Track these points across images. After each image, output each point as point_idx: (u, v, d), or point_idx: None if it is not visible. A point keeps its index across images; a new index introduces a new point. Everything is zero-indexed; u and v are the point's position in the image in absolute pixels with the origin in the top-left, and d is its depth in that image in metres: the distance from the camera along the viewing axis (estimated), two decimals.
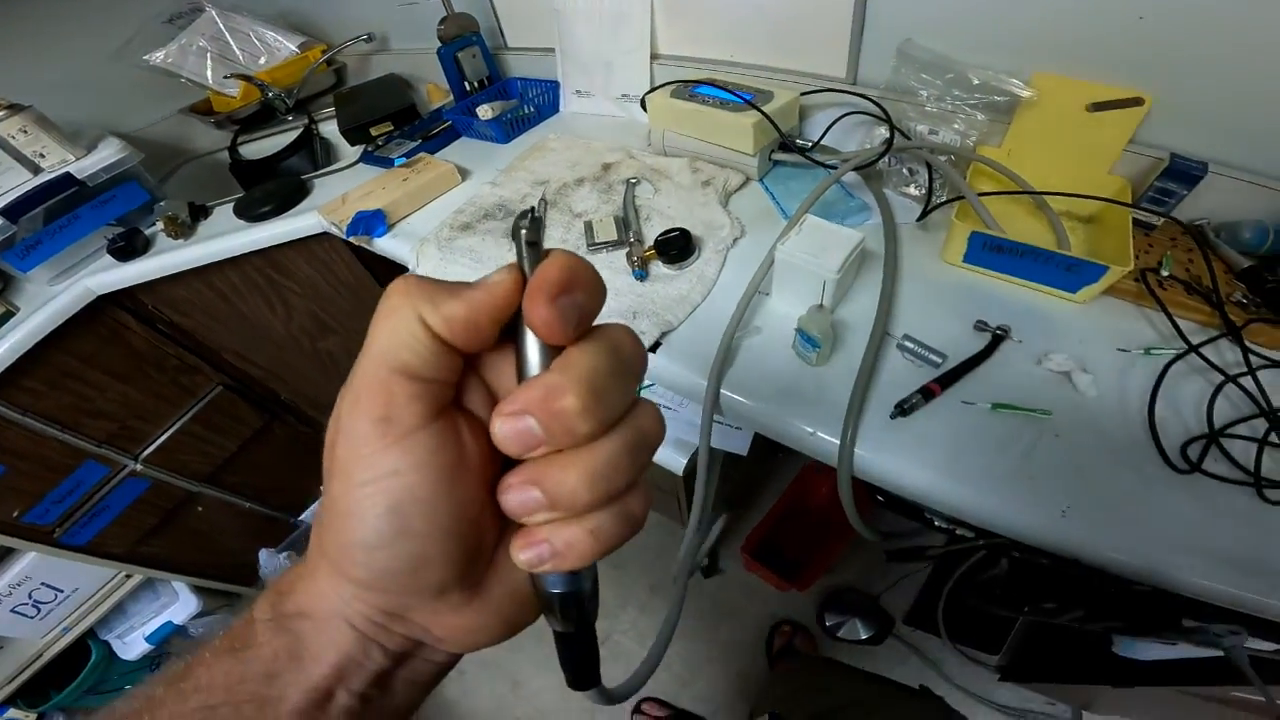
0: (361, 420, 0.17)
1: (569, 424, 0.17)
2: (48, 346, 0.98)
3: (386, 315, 0.18)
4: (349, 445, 0.18)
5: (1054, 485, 0.49)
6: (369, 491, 0.17)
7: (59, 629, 1.23)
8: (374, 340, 0.18)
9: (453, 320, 0.18)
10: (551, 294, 0.17)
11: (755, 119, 0.76)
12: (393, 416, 0.17)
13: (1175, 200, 0.69)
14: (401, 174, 0.93)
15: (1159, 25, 0.63)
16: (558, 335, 0.18)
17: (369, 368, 0.18)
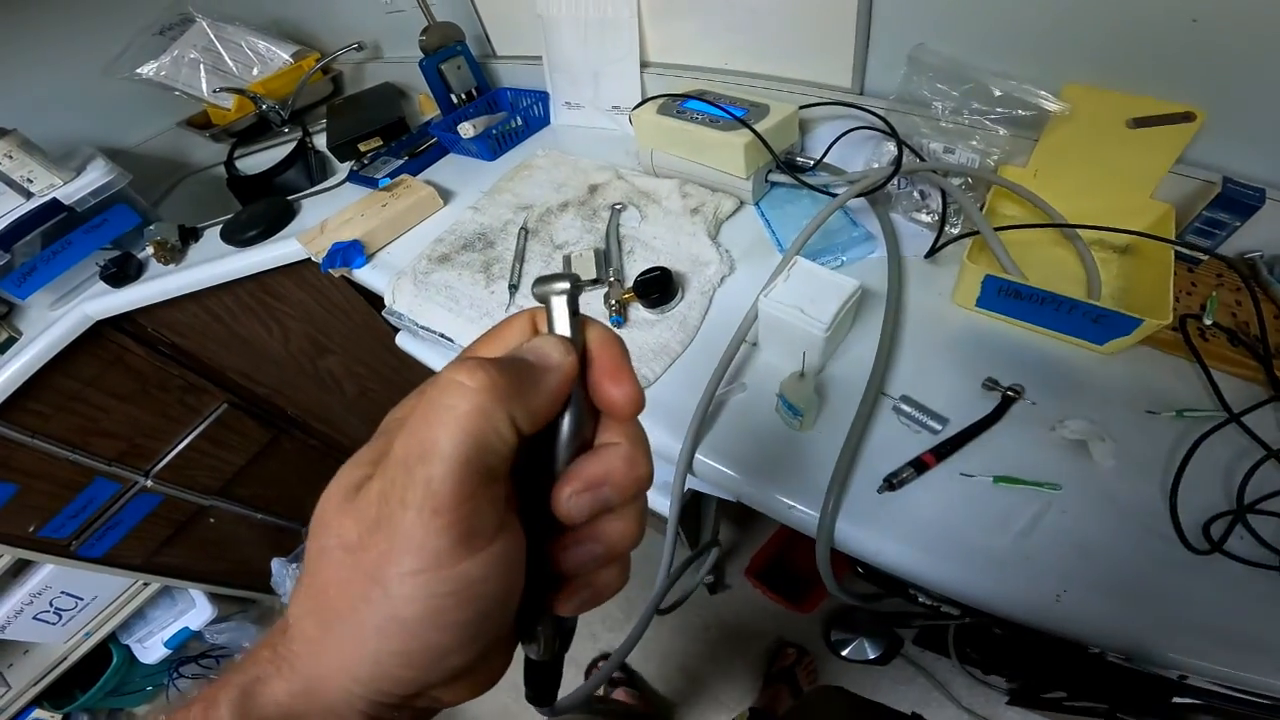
0: (442, 538, 0.16)
1: (641, 488, 0.19)
2: (51, 371, 0.98)
3: (466, 418, 0.16)
4: (419, 559, 0.16)
5: (1052, 566, 0.43)
6: (454, 602, 0.16)
7: (81, 634, 1.27)
8: (446, 444, 0.16)
9: (538, 414, 0.18)
10: (623, 373, 0.19)
11: (748, 139, 0.69)
12: (478, 528, 0.16)
13: (1226, 233, 0.59)
14: (382, 198, 0.88)
15: (1215, 30, 0.54)
16: (632, 411, 0.19)
17: (446, 479, 0.16)
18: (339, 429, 1.43)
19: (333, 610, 0.17)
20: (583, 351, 0.20)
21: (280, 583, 1.37)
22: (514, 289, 0.71)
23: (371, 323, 1.07)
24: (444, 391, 0.17)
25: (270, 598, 1.46)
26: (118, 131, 1.29)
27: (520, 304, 0.70)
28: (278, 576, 1.37)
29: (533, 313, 0.22)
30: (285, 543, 1.48)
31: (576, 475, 0.19)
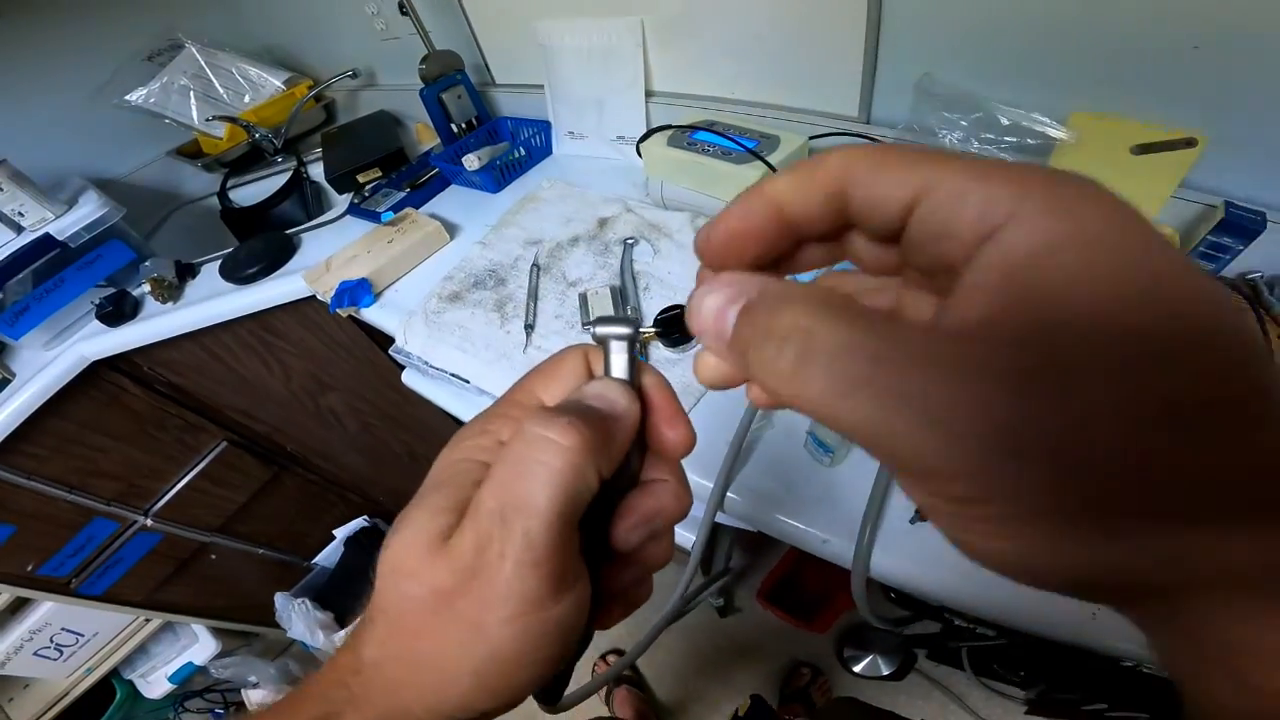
0: (538, 585, 0.17)
1: (684, 518, 0.21)
2: (47, 413, 0.96)
3: (559, 473, 0.17)
4: (518, 605, 0.17)
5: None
6: (544, 642, 0.17)
7: (82, 670, 1.25)
8: (542, 498, 0.17)
9: (615, 462, 0.19)
10: (679, 417, 0.21)
11: (762, 172, 0.69)
12: (567, 574, 0.18)
13: (1230, 257, 0.60)
14: (387, 233, 0.87)
15: (1215, 56, 0.55)
16: (685, 452, 0.21)
17: (543, 532, 0.17)
18: (340, 465, 1.40)
19: (424, 655, 0.18)
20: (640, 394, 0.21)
21: (284, 616, 1.34)
22: (530, 329, 0.70)
23: (374, 359, 1.05)
24: (536, 447, 0.17)
25: (274, 631, 1.43)
26: (107, 161, 1.26)
27: (538, 344, 0.69)
28: (282, 611, 1.35)
29: (585, 350, 0.22)
30: (288, 577, 1.45)
31: (634, 510, 0.20)
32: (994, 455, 0.11)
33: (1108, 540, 0.11)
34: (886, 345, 0.12)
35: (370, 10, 1.10)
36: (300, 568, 1.47)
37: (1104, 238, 0.11)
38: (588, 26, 0.87)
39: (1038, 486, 0.11)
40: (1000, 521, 0.12)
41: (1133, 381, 0.10)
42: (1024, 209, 0.12)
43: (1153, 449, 0.10)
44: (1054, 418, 0.10)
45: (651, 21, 0.84)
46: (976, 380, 0.11)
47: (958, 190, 0.13)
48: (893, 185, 0.14)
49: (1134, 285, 0.11)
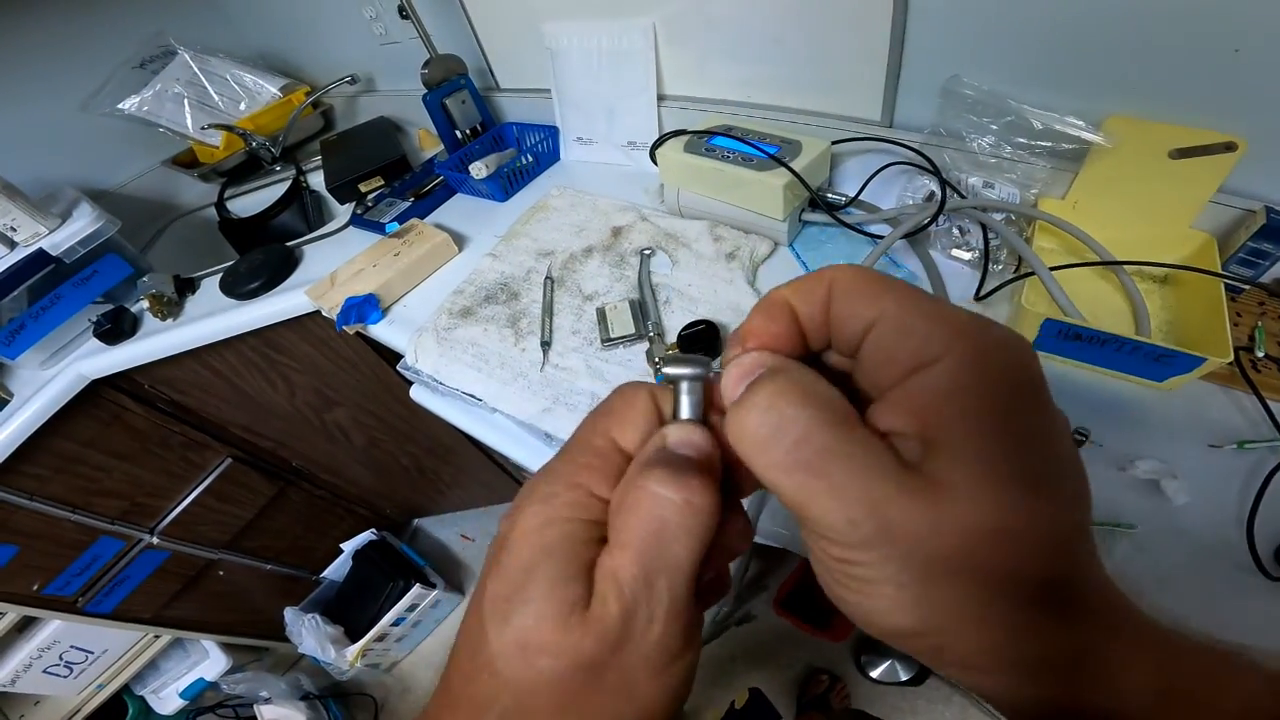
0: (680, 637, 0.18)
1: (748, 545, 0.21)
2: (48, 433, 0.93)
3: (698, 531, 0.18)
4: (661, 660, 0.18)
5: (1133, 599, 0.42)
6: (684, 690, 0.19)
7: (93, 686, 1.24)
8: (683, 555, 0.18)
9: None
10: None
11: (786, 179, 0.66)
12: (697, 619, 0.19)
13: (1270, 262, 0.58)
14: (393, 245, 0.83)
15: (1258, 59, 0.52)
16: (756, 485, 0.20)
17: (683, 586, 0.18)
18: (347, 478, 1.37)
19: (568, 708, 0.18)
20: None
21: (294, 631, 1.32)
22: (546, 346, 0.67)
23: (381, 374, 1.02)
24: (670, 509, 0.17)
25: (284, 645, 1.40)
26: (100, 172, 1.22)
27: (555, 362, 0.66)
28: (292, 625, 1.32)
29: (651, 390, 0.21)
30: (297, 591, 1.42)
31: (711, 551, 0.20)
32: (873, 536, 0.15)
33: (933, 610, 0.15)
34: (832, 439, 0.16)
35: (369, 14, 1.06)
36: (309, 581, 1.44)
37: (997, 395, 0.15)
38: (596, 28, 0.84)
39: (894, 565, 0.15)
40: (861, 580, 0.16)
41: (987, 510, 0.14)
42: (951, 354, 0.15)
43: (988, 560, 0.15)
44: (925, 524, 0.14)
45: (663, 22, 0.80)
46: (877, 480, 0.15)
47: (906, 325, 0.16)
48: (859, 308, 0.17)
49: (1007, 435, 0.15)
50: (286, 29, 1.23)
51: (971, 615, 0.15)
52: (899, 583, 0.15)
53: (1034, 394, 0.16)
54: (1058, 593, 0.15)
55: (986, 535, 0.14)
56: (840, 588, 0.16)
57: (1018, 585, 0.15)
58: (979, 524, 0.14)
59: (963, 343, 0.15)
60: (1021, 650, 0.15)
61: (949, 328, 0.16)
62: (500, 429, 0.71)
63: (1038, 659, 0.15)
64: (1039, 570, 0.15)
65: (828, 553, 0.16)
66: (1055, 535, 0.15)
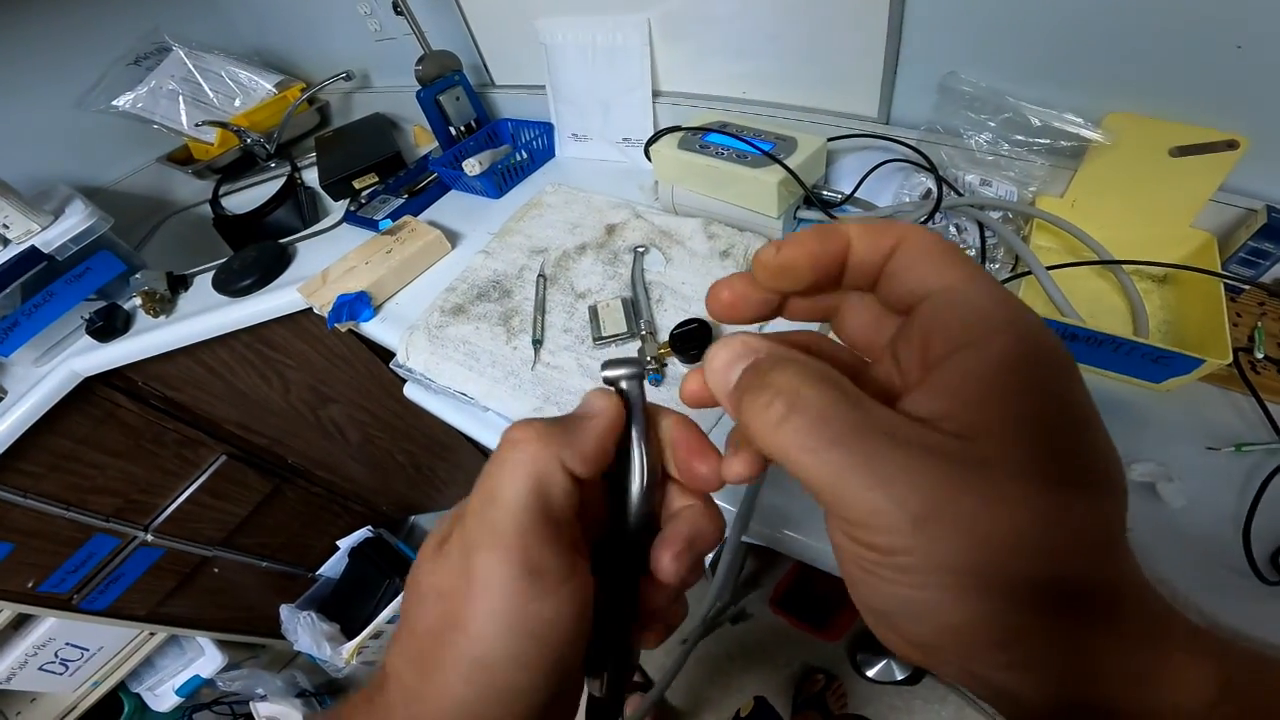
0: (510, 577, 0.17)
1: (721, 539, 0.21)
2: (41, 430, 0.92)
3: (523, 463, 0.18)
4: (494, 600, 0.17)
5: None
6: (530, 644, 0.17)
7: (89, 684, 1.24)
8: (508, 491, 0.18)
9: (587, 455, 0.19)
10: (708, 450, 0.21)
11: (780, 176, 0.65)
12: (546, 568, 0.17)
13: (1271, 262, 0.57)
14: (385, 243, 0.82)
15: (1261, 56, 0.51)
16: (718, 483, 0.21)
17: (508, 520, 0.18)
18: (343, 475, 1.36)
19: (430, 658, 0.18)
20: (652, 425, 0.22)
21: (290, 629, 1.31)
22: (538, 344, 0.66)
23: (375, 371, 1.01)
24: (503, 447, 0.19)
25: (280, 643, 1.40)
26: (94, 168, 1.21)
27: (546, 360, 0.65)
28: (288, 623, 1.31)
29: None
30: (293, 588, 1.41)
31: (675, 538, 0.20)
32: (916, 522, 0.13)
33: (988, 605, 0.13)
34: (860, 415, 0.15)
35: (363, 10, 1.05)
36: (305, 579, 1.43)
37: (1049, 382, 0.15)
38: (591, 24, 0.83)
39: (940, 555, 0.13)
40: (904, 570, 0.14)
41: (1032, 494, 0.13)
42: (1004, 336, 0.15)
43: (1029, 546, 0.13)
44: (972, 506, 0.13)
45: (658, 18, 0.79)
46: (921, 461, 0.14)
47: (968, 299, 0.16)
48: (927, 271, 0.17)
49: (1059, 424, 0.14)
50: (282, 25, 1.22)
51: (1011, 608, 0.13)
52: (950, 570, 0.13)
53: (1078, 386, 0.15)
54: (1105, 592, 0.14)
55: (1034, 521, 0.13)
56: (870, 579, 0.15)
57: (1058, 578, 0.14)
58: (1027, 509, 0.13)
59: (1014, 328, 0.15)
60: (1066, 655, 0.14)
61: (1003, 310, 0.15)
62: (494, 427, 0.70)
63: (1083, 666, 0.14)
64: (1084, 561, 0.14)
65: (857, 539, 0.14)
66: (1101, 524, 0.14)
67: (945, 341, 0.15)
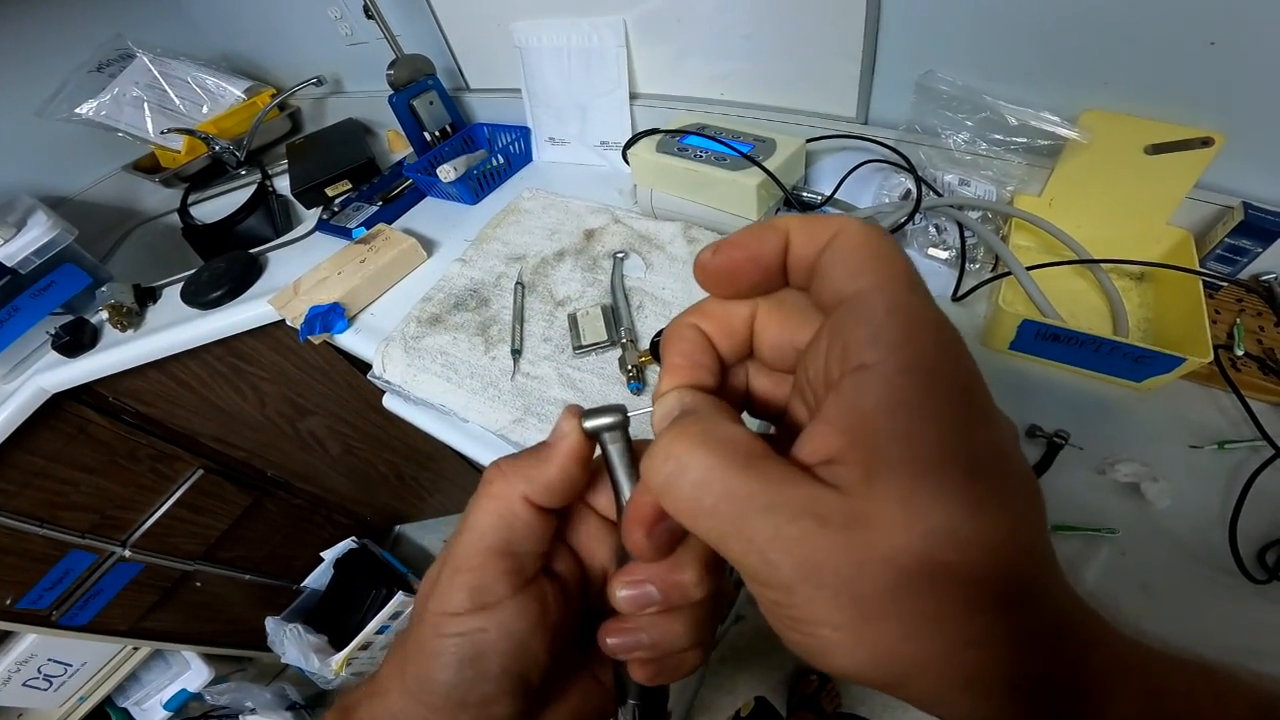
0: (457, 590, 0.19)
1: (686, 594, 0.18)
2: (10, 448, 0.87)
3: (489, 498, 0.20)
4: (442, 604, 0.19)
5: (1116, 606, 0.40)
6: (456, 642, 0.19)
7: (75, 699, 1.20)
8: (475, 522, 0.20)
9: (551, 484, 0.20)
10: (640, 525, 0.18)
11: (759, 179, 0.62)
12: (487, 588, 0.19)
13: (1248, 259, 0.56)
14: (359, 252, 0.78)
15: (1232, 52, 0.50)
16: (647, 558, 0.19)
17: (469, 546, 0.20)
18: (325, 487, 1.31)
19: (402, 639, 0.21)
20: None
21: (276, 641, 1.27)
22: (517, 354, 0.63)
23: (354, 381, 0.97)
24: (480, 485, 0.20)
25: (268, 655, 1.35)
26: (58, 178, 1.15)
27: (526, 370, 0.62)
28: (274, 635, 1.27)
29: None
30: (278, 601, 1.36)
31: (628, 570, 0.20)
32: (794, 576, 0.14)
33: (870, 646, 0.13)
34: (736, 484, 0.14)
35: (333, 14, 1.01)
36: (290, 591, 1.38)
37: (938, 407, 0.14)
38: (566, 26, 0.79)
39: (824, 608, 0.13)
40: (794, 620, 0.14)
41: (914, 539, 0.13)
42: (892, 357, 0.14)
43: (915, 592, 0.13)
44: (845, 553, 0.13)
45: (634, 20, 0.76)
46: (794, 525, 0.14)
47: (867, 312, 0.15)
48: (842, 277, 0.16)
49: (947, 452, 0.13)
50: (250, 30, 1.16)
51: (918, 649, 0.13)
52: (835, 623, 0.13)
53: (973, 410, 0.14)
54: (1013, 615, 0.13)
55: (918, 564, 0.13)
56: (783, 628, 0.15)
57: (966, 610, 0.13)
58: (909, 553, 0.13)
59: (903, 353, 0.14)
60: (980, 674, 0.13)
61: (902, 324, 0.14)
62: (475, 437, 0.67)
63: (1004, 683, 0.13)
64: (990, 589, 0.13)
65: (759, 594, 0.15)
66: (1004, 551, 0.13)
67: (843, 359, 0.15)
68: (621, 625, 0.19)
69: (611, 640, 0.19)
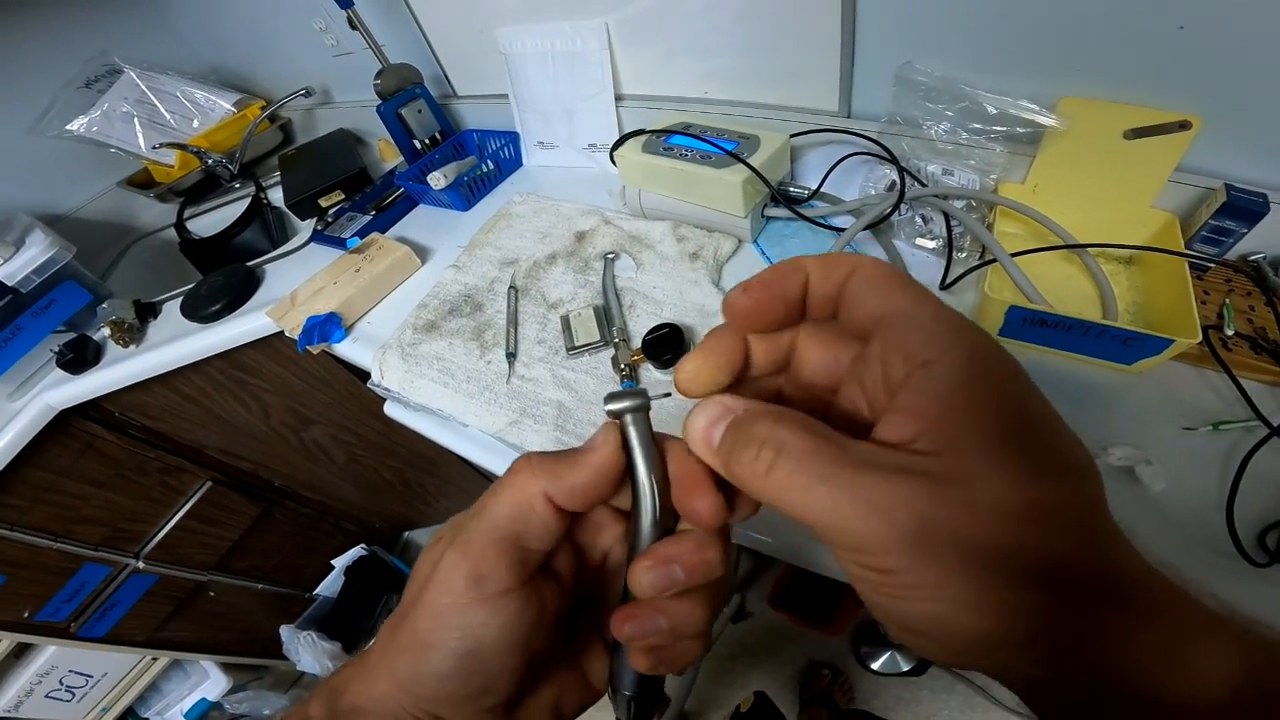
0: (460, 577, 0.19)
1: (712, 570, 0.20)
2: (20, 464, 0.88)
3: (510, 489, 0.20)
4: (442, 592, 0.19)
5: None
6: (455, 634, 0.19)
7: (98, 710, 1.21)
8: (490, 510, 0.20)
9: (575, 488, 0.20)
10: (705, 486, 0.19)
11: (745, 175, 0.63)
12: (489, 577, 0.19)
13: (1233, 240, 0.56)
14: (353, 261, 0.79)
15: (1203, 35, 0.50)
16: (714, 518, 0.19)
17: (479, 532, 0.20)
18: (332, 495, 1.33)
19: (394, 626, 0.20)
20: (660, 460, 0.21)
21: (291, 649, 1.28)
22: (512, 358, 0.64)
23: (355, 390, 0.98)
24: (505, 474, 0.21)
25: (284, 664, 1.37)
26: (53, 195, 1.15)
27: (521, 373, 0.63)
28: (288, 643, 1.29)
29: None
30: (292, 609, 1.38)
31: (652, 553, 0.20)
32: (912, 540, 0.14)
33: (994, 607, 0.14)
34: (841, 452, 0.15)
35: (318, 26, 1.01)
36: (302, 599, 1.40)
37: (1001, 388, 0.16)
38: (549, 31, 0.80)
39: (942, 566, 0.14)
40: (909, 589, 0.14)
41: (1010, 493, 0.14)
42: (953, 352, 0.15)
43: (1022, 542, 0.14)
44: (959, 515, 0.14)
45: (616, 22, 0.76)
46: (904, 483, 0.14)
47: (915, 320, 0.16)
48: (877, 297, 0.17)
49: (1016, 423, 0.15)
50: (237, 43, 1.16)
51: (1035, 600, 0.14)
52: (945, 583, 0.14)
53: (1031, 386, 0.16)
54: (1103, 571, 0.14)
55: (1019, 518, 0.14)
56: (887, 600, 0.15)
57: (1057, 565, 0.14)
58: (1009, 508, 0.14)
59: (964, 344, 0.16)
60: (1078, 634, 0.14)
61: (950, 329, 0.16)
62: (476, 441, 0.68)
63: (1097, 647, 0.14)
64: (1075, 546, 0.14)
65: (865, 565, 0.15)
66: (1082, 508, 0.15)
67: (903, 362, 0.16)
68: (638, 611, 0.20)
69: (629, 626, 0.20)
